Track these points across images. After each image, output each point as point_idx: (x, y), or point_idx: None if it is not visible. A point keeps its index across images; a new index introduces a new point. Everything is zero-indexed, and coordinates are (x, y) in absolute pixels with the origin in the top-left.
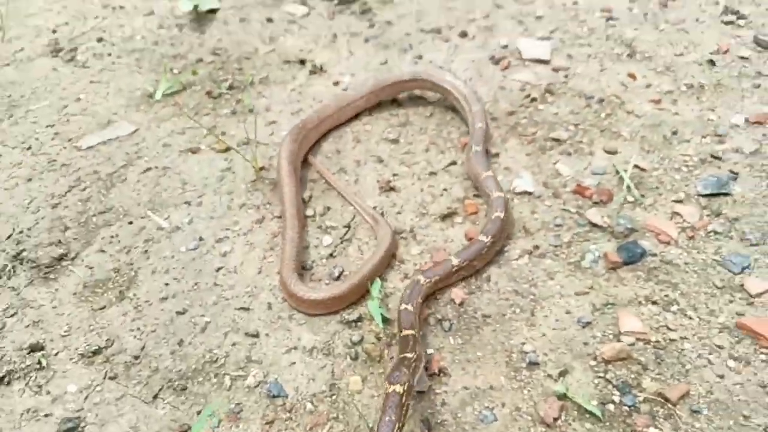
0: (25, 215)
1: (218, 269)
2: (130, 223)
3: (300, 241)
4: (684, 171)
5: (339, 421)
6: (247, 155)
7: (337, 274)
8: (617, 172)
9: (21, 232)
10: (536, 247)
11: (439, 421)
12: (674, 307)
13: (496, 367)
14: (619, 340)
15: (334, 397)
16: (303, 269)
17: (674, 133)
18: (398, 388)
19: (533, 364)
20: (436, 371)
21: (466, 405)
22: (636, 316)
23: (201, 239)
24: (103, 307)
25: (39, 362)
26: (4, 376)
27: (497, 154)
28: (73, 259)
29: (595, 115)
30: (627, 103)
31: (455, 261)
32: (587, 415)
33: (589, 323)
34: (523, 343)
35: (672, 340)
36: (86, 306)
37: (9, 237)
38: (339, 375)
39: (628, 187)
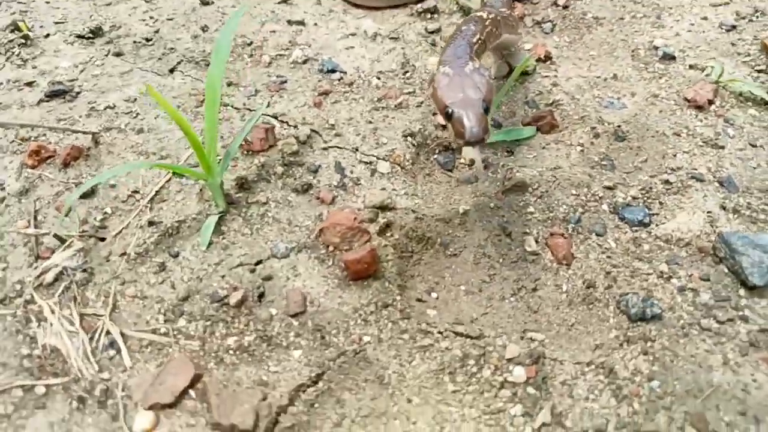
0: None
1: None
2: None
3: None
4: None
5: (415, 96)
6: None
7: None
8: None
9: None
10: None
11: (551, 101)
12: None
13: (618, 60)
14: None
15: (408, 74)
16: None
17: None
18: (482, 14)
19: (668, 58)
20: (542, 56)
21: (584, 91)
22: None
23: None
24: (108, 4)
25: (25, 38)
26: None
27: None
28: None
29: None
30: None
31: None
32: (749, 103)
33: (734, 27)
34: (651, 41)
35: None
36: (87, 2)
37: None
38: (413, 57)
39: None
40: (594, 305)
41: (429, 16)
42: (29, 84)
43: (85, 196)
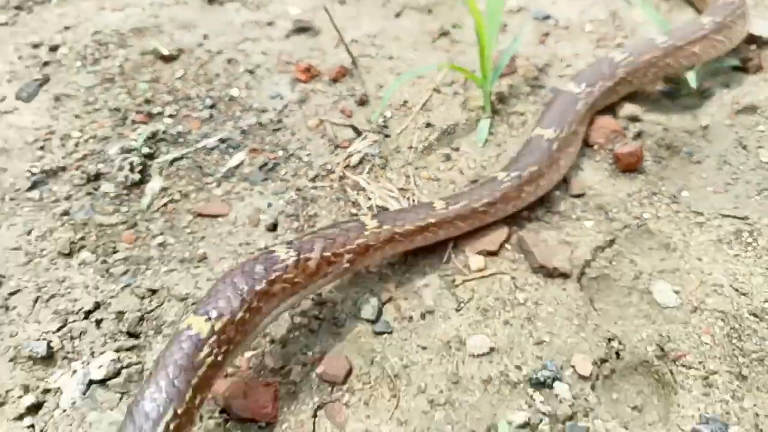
0: None
1: None
2: None
3: None
4: None
5: (629, 39)
6: None
7: None
8: None
9: None
10: None
11: (752, 47)
12: None
13: None
14: None
15: (617, 23)
16: None
17: None
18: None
19: None
20: None
21: None
22: None
23: None
24: None
25: None
26: None
27: None
28: None
29: None
30: None
31: None
32: None
33: None
34: None
35: None
36: None
37: None
38: (618, 9)
39: None
40: None
41: None
42: (269, 24)
43: (362, 103)
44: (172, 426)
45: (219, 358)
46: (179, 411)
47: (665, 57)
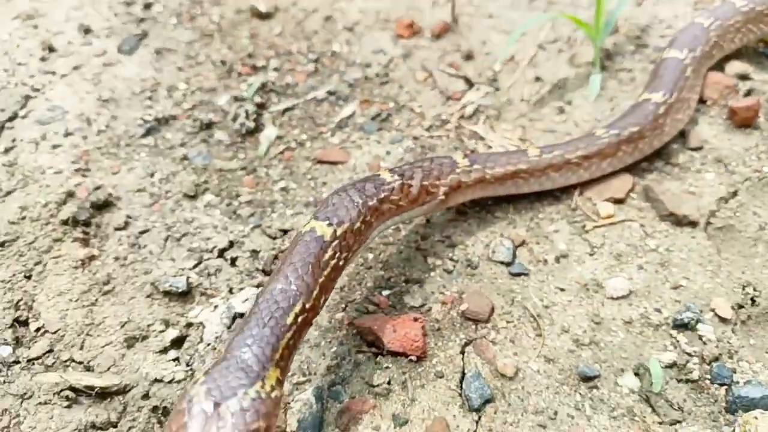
0: None
1: None
2: None
3: None
4: None
5: None
6: None
7: None
8: None
9: None
10: None
11: None
12: None
13: None
14: None
15: None
16: None
17: None
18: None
19: None
20: None
21: None
22: None
23: None
24: None
25: None
26: None
27: None
28: None
29: None
30: None
31: None
32: None
33: None
34: None
35: None
36: None
37: None
38: None
39: None
40: None
41: None
42: None
43: (468, 58)
44: (300, 319)
45: (340, 263)
46: (307, 305)
47: (747, 22)
